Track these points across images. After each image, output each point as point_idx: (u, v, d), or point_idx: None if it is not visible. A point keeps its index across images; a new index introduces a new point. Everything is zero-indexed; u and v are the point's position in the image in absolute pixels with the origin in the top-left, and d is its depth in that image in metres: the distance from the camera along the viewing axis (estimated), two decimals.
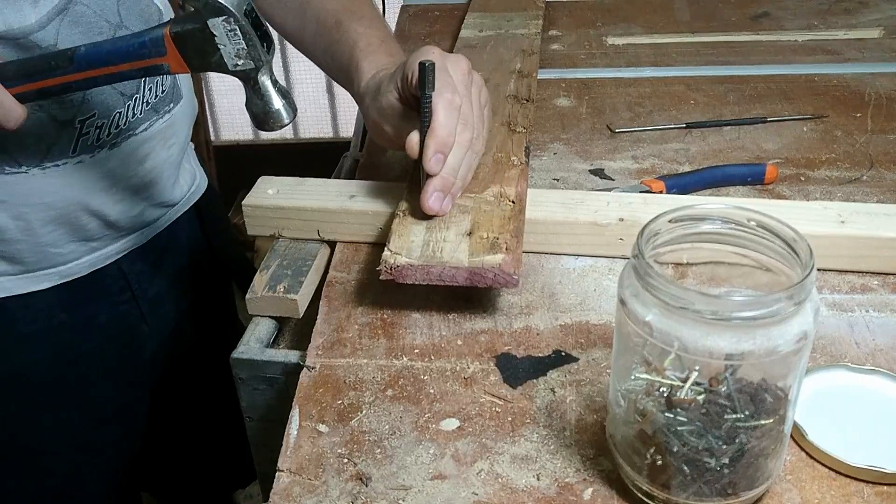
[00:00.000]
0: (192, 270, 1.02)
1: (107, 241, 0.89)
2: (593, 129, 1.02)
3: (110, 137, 0.81)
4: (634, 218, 0.76)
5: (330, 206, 0.80)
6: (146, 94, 0.84)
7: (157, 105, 0.86)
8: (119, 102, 0.81)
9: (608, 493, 0.55)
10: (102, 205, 0.84)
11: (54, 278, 0.87)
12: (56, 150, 0.78)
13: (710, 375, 0.49)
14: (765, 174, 0.88)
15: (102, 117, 0.80)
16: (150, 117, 0.85)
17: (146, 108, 0.85)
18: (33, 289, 0.86)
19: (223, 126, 2.88)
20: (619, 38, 1.27)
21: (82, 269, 0.88)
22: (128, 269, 0.92)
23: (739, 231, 0.53)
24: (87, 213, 0.84)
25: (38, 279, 0.86)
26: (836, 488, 0.55)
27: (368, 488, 0.56)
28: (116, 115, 0.81)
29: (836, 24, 1.29)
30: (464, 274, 0.67)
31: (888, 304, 0.71)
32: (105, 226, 0.86)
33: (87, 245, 0.87)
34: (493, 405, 0.62)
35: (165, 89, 0.87)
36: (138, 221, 0.91)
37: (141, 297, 0.95)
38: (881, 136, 0.98)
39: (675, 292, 0.47)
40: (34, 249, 0.83)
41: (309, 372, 0.66)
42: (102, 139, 0.81)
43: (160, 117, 0.87)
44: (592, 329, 0.69)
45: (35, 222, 0.81)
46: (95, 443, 0.97)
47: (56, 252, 0.85)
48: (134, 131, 0.84)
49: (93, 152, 0.80)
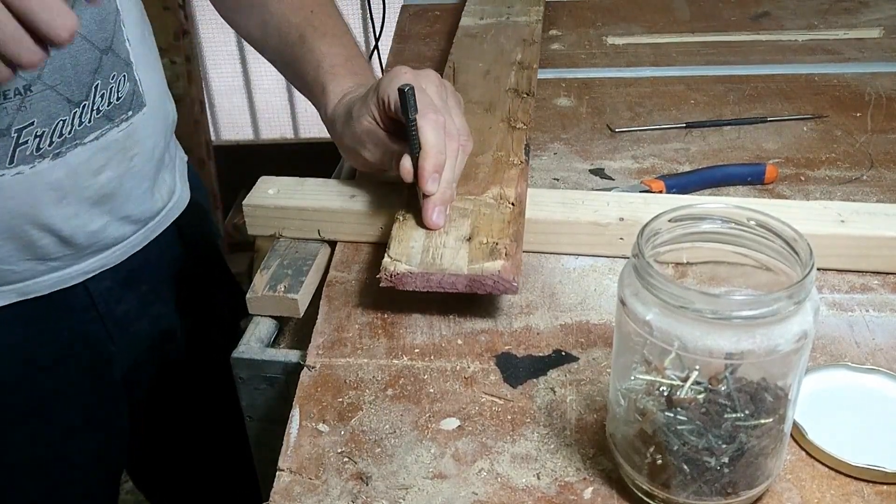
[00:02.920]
0: (172, 290, 0.97)
1: (68, 260, 0.82)
2: (593, 129, 1.02)
3: (52, 147, 0.75)
4: (635, 217, 0.76)
5: (330, 205, 0.80)
6: (97, 102, 0.77)
7: (111, 113, 0.79)
8: (64, 110, 0.74)
9: (608, 493, 0.55)
10: (53, 219, 0.78)
11: (12, 296, 0.81)
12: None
13: (710, 375, 0.49)
14: (765, 174, 0.88)
15: (43, 125, 0.73)
16: (101, 125, 0.78)
17: (97, 116, 0.78)
18: None
19: (223, 126, 2.88)
20: (619, 38, 1.27)
21: (43, 287, 0.82)
22: (93, 287, 0.86)
23: (739, 230, 0.53)
24: (37, 228, 0.77)
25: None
26: (836, 488, 0.55)
27: (369, 487, 0.56)
28: (60, 122, 0.75)
29: (836, 23, 1.29)
30: (463, 281, 0.68)
31: (888, 303, 0.71)
32: (61, 243, 0.80)
33: (45, 265, 0.81)
34: (494, 405, 0.62)
35: (122, 96, 0.80)
36: (102, 239, 0.84)
37: (107, 317, 0.89)
38: (881, 135, 0.98)
39: (675, 292, 0.47)
40: None
41: (309, 371, 0.66)
42: (43, 149, 0.74)
43: (115, 126, 0.80)
44: (592, 329, 0.69)
45: None
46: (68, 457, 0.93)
47: (9, 269, 0.79)
48: (81, 141, 0.77)
49: (32, 163, 0.74)
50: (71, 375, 0.89)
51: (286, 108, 2.88)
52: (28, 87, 0.71)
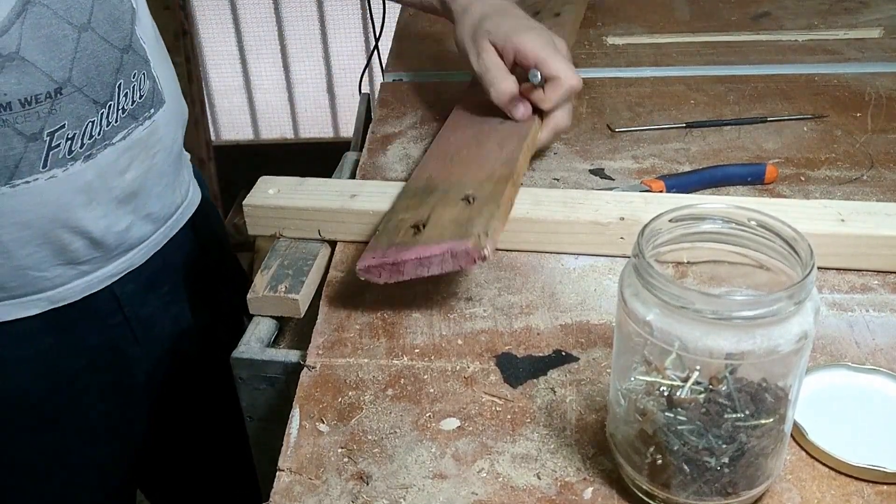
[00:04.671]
0: (189, 290, 0.98)
1: (97, 263, 0.84)
2: (593, 129, 1.02)
3: (84, 149, 0.76)
4: (635, 217, 0.76)
5: (331, 205, 0.80)
6: (121, 101, 0.79)
7: (135, 111, 0.81)
8: (91, 111, 0.76)
9: (608, 493, 0.55)
10: (84, 221, 0.79)
11: (43, 304, 0.82)
12: (24, 166, 0.73)
13: (710, 375, 0.49)
14: (765, 174, 0.88)
15: (73, 128, 0.74)
16: (127, 125, 0.80)
17: (122, 116, 0.79)
18: (19, 315, 0.81)
19: (223, 126, 2.88)
20: (619, 38, 1.27)
21: (73, 294, 0.83)
22: (119, 290, 0.87)
23: (740, 230, 0.53)
24: (69, 231, 0.79)
25: (25, 305, 0.81)
26: (836, 488, 0.55)
27: (369, 487, 0.56)
28: (89, 124, 0.76)
29: (836, 23, 1.29)
30: (415, 253, 0.68)
31: (888, 303, 0.71)
32: (91, 245, 0.81)
33: (76, 269, 0.82)
34: (494, 405, 0.62)
35: (144, 94, 0.82)
36: (127, 239, 0.85)
37: (133, 319, 0.90)
38: (881, 135, 0.98)
39: (675, 292, 0.47)
40: (14, 274, 0.78)
41: (309, 371, 0.66)
42: (75, 151, 0.76)
43: (139, 124, 0.81)
44: (593, 329, 0.69)
45: (11, 244, 0.76)
46: (88, 463, 0.94)
47: (40, 276, 0.80)
48: (110, 141, 0.78)
49: (65, 166, 0.75)
50: (93, 383, 0.90)
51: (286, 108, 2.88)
52: (59, 90, 0.72)
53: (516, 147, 0.81)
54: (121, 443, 0.97)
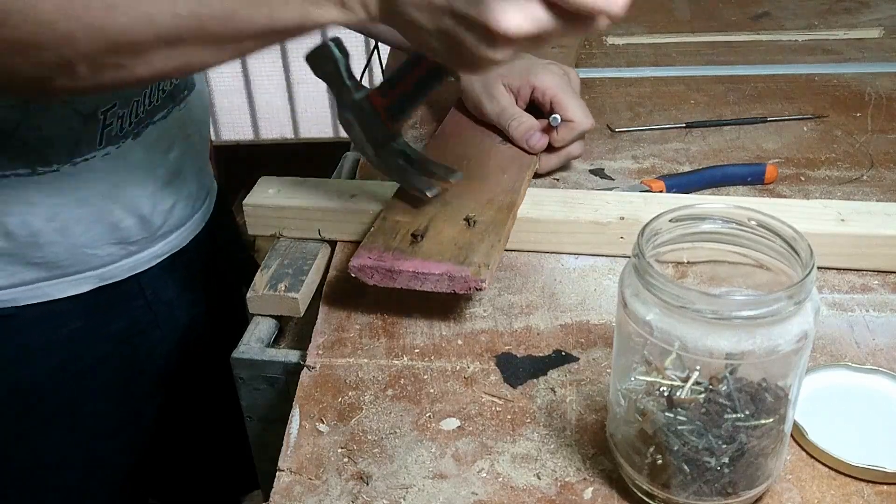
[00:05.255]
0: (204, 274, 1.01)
1: (143, 244, 0.88)
2: (593, 129, 1.01)
3: (132, 127, 0.81)
4: (635, 216, 0.76)
5: (331, 205, 0.80)
6: (161, 82, 0.84)
7: (174, 92, 0.86)
8: (136, 91, 0.81)
9: (608, 493, 0.55)
10: (135, 199, 0.84)
11: (93, 281, 0.85)
12: (83, 144, 0.78)
13: (710, 375, 0.49)
14: (765, 174, 0.88)
15: (122, 107, 0.79)
16: (166, 105, 0.85)
17: (162, 96, 0.84)
18: (71, 293, 0.85)
19: (223, 126, 2.88)
20: (619, 38, 1.27)
21: (121, 272, 0.87)
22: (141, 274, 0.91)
23: (740, 230, 0.53)
24: (122, 208, 0.83)
25: (76, 283, 0.85)
26: (836, 488, 0.55)
27: (369, 487, 0.56)
28: (134, 103, 0.81)
29: (836, 24, 1.29)
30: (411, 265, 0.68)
31: (888, 303, 0.71)
32: (140, 224, 0.86)
33: (125, 248, 0.86)
34: (494, 405, 0.62)
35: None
36: (170, 219, 0.90)
37: (154, 303, 0.94)
38: (881, 136, 0.98)
39: (675, 292, 0.47)
40: (70, 251, 0.82)
41: (309, 371, 0.66)
42: (125, 129, 0.81)
43: (176, 105, 0.87)
44: (593, 329, 0.69)
45: (70, 221, 0.81)
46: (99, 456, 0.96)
47: (93, 254, 0.84)
48: (152, 119, 0.83)
49: (118, 143, 0.80)
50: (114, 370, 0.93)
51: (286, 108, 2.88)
52: None
53: (518, 176, 0.81)
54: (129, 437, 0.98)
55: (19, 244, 0.79)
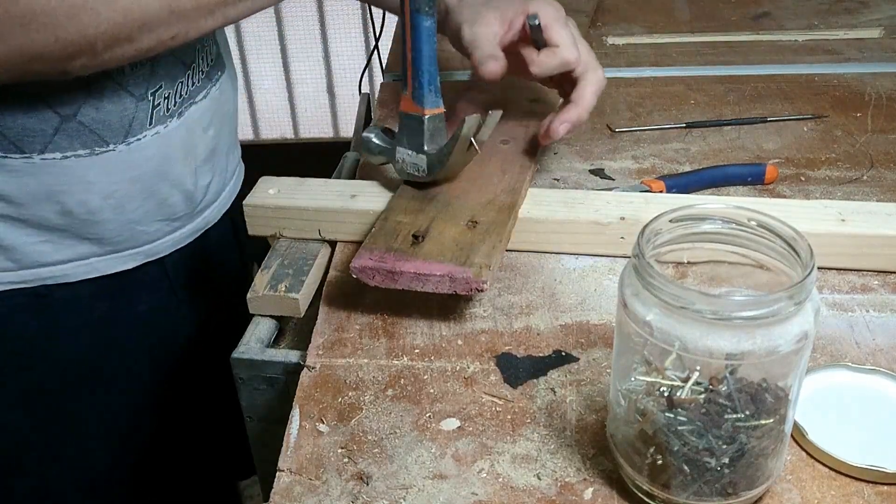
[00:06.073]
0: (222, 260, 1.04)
1: (185, 220, 0.92)
2: (593, 129, 1.02)
3: (177, 107, 0.85)
4: (635, 217, 0.76)
5: (331, 205, 0.80)
6: (201, 63, 0.88)
7: (210, 73, 0.90)
8: (181, 72, 0.84)
9: (608, 493, 0.55)
10: (181, 175, 0.88)
11: (140, 258, 0.89)
12: (136, 124, 0.81)
13: (710, 375, 0.49)
14: (765, 174, 0.88)
15: (168, 88, 0.83)
16: (205, 86, 0.89)
17: (202, 77, 0.88)
18: (120, 268, 0.88)
19: None
20: (619, 38, 1.27)
21: (165, 248, 0.91)
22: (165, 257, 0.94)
23: (740, 231, 0.53)
24: (169, 184, 0.87)
25: (124, 259, 0.88)
26: (836, 488, 0.55)
27: (369, 487, 0.56)
28: (178, 84, 0.84)
29: (836, 24, 1.29)
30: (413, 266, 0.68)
31: (888, 303, 0.71)
32: (185, 199, 0.90)
33: (170, 224, 0.90)
34: (494, 405, 0.62)
35: (213, 58, 0.91)
36: (208, 194, 0.94)
37: (178, 287, 0.97)
38: (881, 136, 0.98)
39: (675, 292, 0.47)
40: (123, 228, 0.86)
41: (309, 372, 0.66)
42: (171, 109, 0.84)
43: (213, 85, 0.90)
44: (593, 329, 0.69)
45: (124, 198, 0.84)
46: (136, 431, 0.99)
47: (142, 230, 0.87)
48: (194, 99, 0.87)
49: (165, 123, 0.84)
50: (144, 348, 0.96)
51: (286, 108, 2.88)
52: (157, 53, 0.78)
53: (519, 177, 0.81)
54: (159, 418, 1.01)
55: (77, 221, 0.82)
